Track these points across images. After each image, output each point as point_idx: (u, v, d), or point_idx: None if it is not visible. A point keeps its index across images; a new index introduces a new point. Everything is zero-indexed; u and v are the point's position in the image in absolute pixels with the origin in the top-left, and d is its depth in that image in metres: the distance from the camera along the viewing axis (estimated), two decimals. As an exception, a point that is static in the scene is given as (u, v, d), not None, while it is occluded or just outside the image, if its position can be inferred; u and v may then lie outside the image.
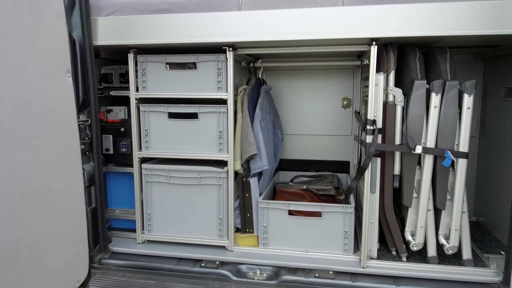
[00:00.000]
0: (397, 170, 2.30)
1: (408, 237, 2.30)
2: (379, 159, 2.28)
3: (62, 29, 1.84)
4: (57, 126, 1.79)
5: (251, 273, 2.34)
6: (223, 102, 2.42)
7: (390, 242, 2.42)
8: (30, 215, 1.62)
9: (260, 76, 3.21)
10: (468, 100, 2.11)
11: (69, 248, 1.87)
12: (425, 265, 2.28)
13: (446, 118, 2.13)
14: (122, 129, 2.66)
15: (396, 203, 2.43)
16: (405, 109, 2.21)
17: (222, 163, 2.50)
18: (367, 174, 2.26)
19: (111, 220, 2.74)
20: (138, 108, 2.54)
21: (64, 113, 1.84)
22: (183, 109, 2.49)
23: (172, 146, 2.54)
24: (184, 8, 2.28)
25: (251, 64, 2.94)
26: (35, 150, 1.64)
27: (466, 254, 2.24)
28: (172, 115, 2.51)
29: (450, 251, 2.22)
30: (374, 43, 2.14)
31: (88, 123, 2.38)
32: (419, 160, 2.25)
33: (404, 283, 2.20)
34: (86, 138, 2.39)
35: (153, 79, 2.50)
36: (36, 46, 1.66)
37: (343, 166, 3.36)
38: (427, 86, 2.16)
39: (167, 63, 2.47)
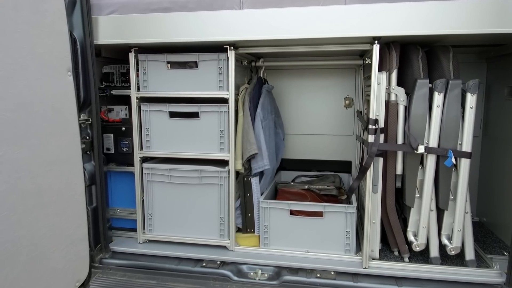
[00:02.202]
0: (399, 170, 2.29)
1: (411, 237, 2.29)
2: (381, 159, 2.27)
3: (63, 28, 1.83)
4: (57, 125, 1.78)
5: (252, 273, 2.33)
6: (224, 101, 2.41)
7: (392, 243, 2.40)
8: (30, 214, 1.61)
9: (261, 75, 3.19)
10: (471, 100, 2.09)
11: (70, 247, 1.86)
12: (428, 266, 2.26)
13: (449, 117, 2.11)
14: (123, 128, 2.66)
15: (398, 203, 2.42)
16: (407, 109, 2.20)
17: (223, 163, 2.49)
18: (369, 174, 2.25)
19: (112, 219, 2.74)
20: (139, 107, 2.54)
21: (65, 112, 1.83)
22: (184, 108, 2.48)
23: (173, 145, 2.53)
24: (185, 6, 2.28)
25: (253, 63, 2.92)
26: (35, 149, 1.63)
27: (469, 254, 2.22)
28: (173, 115, 2.50)
29: (453, 252, 2.20)
30: (376, 42, 2.12)
31: (89, 122, 2.38)
32: (421, 160, 2.24)
33: (406, 284, 2.18)
34: (87, 137, 2.39)
35: (154, 78, 2.49)
36: (37, 45, 1.65)
37: (345, 166, 3.34)
38: (430, 85, 2.15)
39: (168, 62, 2.46)
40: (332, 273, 2.28)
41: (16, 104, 1.53)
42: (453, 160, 2.10)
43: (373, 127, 2.21)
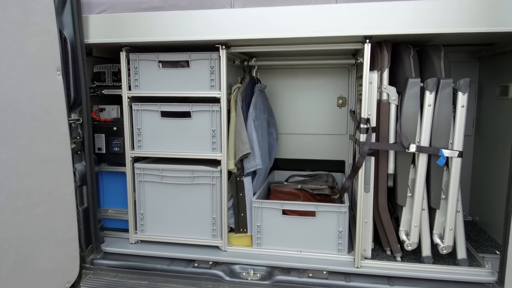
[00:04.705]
0: (391, 169, 2.29)
1: (403, 236, 2.29)
2: (373, 158, 2.26)
3: (52, 27, 1.81)
4: (46, 124, 1.77)
5: (244, 273, 2.32)
6: (216, 100, 2.40)
7: (385, 242, 2.40)
8: (19, 215, 1.59)
9: (254, 75, 3.19)
10: (462, 99, 2.09)
11: (59, 248, 1.85)
12: (420, 265, 2.26)
13: (440, 116, 2.12)
14: (115, 128, 2.64)
15: (390, 202, 2.42)
16: (399, 108, 2.20)
17: (215, 163, 2.48)
18: (361, 173, 2.25)
19: (104, 220, 2.71)
20: (131, 107, 2.52)
21: (54, 112, 1.82)
22: (176, 108, 2.46)
23: (165, 145, 2.52)
24: (176, 5, 2.26)
25: (245, 63, 2.92)
26: (24, 149, 1.62)
27: (461, 253, 2.23)
28: (165, 114, 2.49)
29: (445, 251, 2.20)
30: (367, 41, 2.12)
31: (80, 122, 2.36)
32: (413, 159, 2.24)
33: (398, 283, 2.18)
34: (78, 137, 2.37)
35: (146, 78, 2.48)
36: (25, 44, 1.64)
37: (338, 166, 3.34)
38: (421, 84, 2.14)
39: (159, 61, 2.44)
40: (325, 272, 2.27)
41: (4, 103, 1.51)
42: (447, 156, 2.10)
43: (365, 126, 2.21)
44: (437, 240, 2.24)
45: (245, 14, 2.19)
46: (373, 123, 2.22)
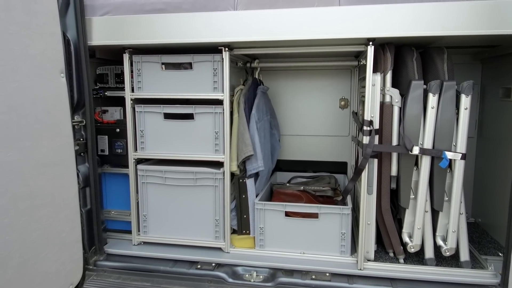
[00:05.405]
0: (394, 171, 2.29)
1: (406, 238, 2.29)
2: (376, 160, 2.26)
3: (55, 29, 1.82)
4: (50, 127, 1.77)
5: (247, 275, 2.32)
6: (219, 102, 2.40)
7: (387, 244, 2.40)
8: (22, 217, 1.60)
9: (257, 77, 3.19)
10: (465, 101, 2.09)
11: (63, 250, 1.85)
12: (423, 267, 2.26)
13: (443, 118, 2.11)
14: (118, 129, 2.64)
15: (393, 205, 2.42)
16: (402, 110, 2.20)
17: (218, 164, 2.48)
18: (364, 175, 2.24)
19: (107, 221, 2.72)
20: (134, 108, 2.52)
21: (58, 114, 1.82)
22: (179, 109, 2.47)
23: (167, 147, 2.52)
24: (179, 8, 2.27)
25: (248, 65, 2.92)
26: (27, 151, 1.62)
27: (464, 255, 2.23)
28: (167, 116, 2.49)
29: (448, 253, 2.20)
30: (370, 43, 2.12)
31: (83, 123, 2.36)
32: (416, 161, 2.23)
33: (401, 285, 2.18)
34: (81, 139, 2.37)
35: (149, 80, 2.48)
36: (29, 46, 1.64)
37: (340, 167, 3.34)
38: (424, 86, 2.14)
39: (162, 63, 2.45)
40: (327, 274, 2.27)
41: (8, 106, 1.51)
42: (450, 158, 2.10)
43: (368, 128, 2.21)
44: (440, 242, 2.24)
45: (248, 16, 2.19)
46: (376, 125, 2.22)
